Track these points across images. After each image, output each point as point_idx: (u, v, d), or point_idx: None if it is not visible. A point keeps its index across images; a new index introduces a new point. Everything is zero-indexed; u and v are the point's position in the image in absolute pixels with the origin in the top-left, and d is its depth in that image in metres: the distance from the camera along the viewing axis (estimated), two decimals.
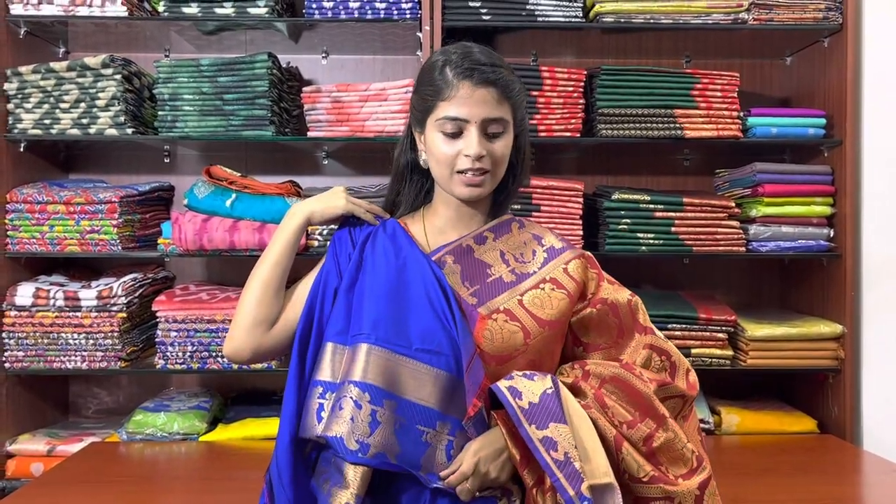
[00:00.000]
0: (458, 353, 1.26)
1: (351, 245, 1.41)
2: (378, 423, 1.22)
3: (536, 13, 2.42)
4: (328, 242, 2.41)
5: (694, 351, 2.41)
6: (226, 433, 2.42)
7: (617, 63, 2.63)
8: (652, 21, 2.44)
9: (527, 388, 1.24)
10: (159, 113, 2.45)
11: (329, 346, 1.31)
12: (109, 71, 2.39)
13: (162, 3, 2.42)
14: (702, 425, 2.42)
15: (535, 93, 2.43)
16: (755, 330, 2.41)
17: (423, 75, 1.41)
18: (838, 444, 2.37)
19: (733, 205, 2.47)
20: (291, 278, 1.46)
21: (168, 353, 2.39)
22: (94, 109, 2.41)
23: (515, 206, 2.38)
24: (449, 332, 1.28)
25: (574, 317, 1.39)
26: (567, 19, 2.44)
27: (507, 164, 1.39)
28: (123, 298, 2.39)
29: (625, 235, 2.44)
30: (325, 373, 1.30)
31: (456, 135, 1.34)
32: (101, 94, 2.40)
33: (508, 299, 1.34)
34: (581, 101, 2.47)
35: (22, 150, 2.47)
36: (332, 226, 2.39)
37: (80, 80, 2.41)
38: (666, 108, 2.46)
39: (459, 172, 1.35)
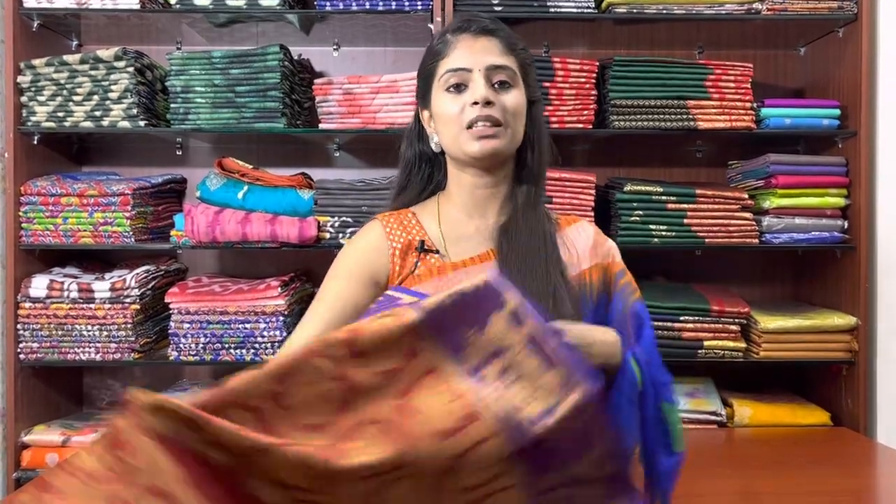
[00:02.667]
0: None
1: None
2: None
3: (548, 4, 2.41)
4: (340, 234, 2.42)
5: (706, 343, 2.40)
6: None
7: (629, 54, 2.61)
8: (664, 11, 2.42)
9: None
10: (171, 105, 2.46)
11: None
12: (122, 63, 2.40)
13: None
14: (713, 417, 2.45)
15: (547, 84, 2.42)
16: (768, 322, 2.40)
17: (426, 51, 1.36)
18: (852, 437, 2.36)
19: (746, 196, 2.46)
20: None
21: (181, 345, 2.40)
22: (107, 102, 2.42)
23: None
24: None
25: None
26: (579, 10, 2.42)
27: (523, 121, 1.29)
28: (136, 290, 2.40)
29: (637, 227, 2.43)
30: None
31: (461, 87, 1.26)
32: (113, 87, 2.41)
33: None
34: (593, 92, 2.46)
35: (35, 142, 2.48)
36: (346, 218, 2.41)
37: (92, 72, 2.42)
38: (679, 99, 2.44)
39: (469, 127, 1.24)
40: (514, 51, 1.29)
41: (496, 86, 1.26)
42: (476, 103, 1.24)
